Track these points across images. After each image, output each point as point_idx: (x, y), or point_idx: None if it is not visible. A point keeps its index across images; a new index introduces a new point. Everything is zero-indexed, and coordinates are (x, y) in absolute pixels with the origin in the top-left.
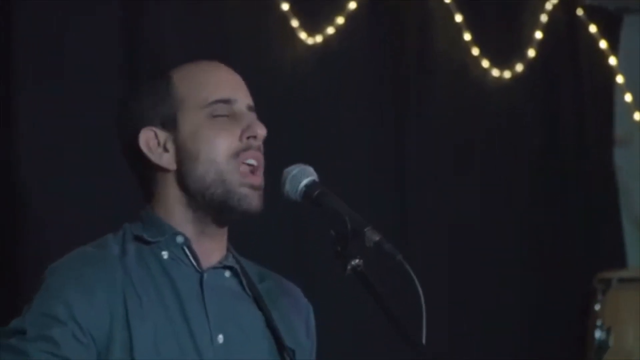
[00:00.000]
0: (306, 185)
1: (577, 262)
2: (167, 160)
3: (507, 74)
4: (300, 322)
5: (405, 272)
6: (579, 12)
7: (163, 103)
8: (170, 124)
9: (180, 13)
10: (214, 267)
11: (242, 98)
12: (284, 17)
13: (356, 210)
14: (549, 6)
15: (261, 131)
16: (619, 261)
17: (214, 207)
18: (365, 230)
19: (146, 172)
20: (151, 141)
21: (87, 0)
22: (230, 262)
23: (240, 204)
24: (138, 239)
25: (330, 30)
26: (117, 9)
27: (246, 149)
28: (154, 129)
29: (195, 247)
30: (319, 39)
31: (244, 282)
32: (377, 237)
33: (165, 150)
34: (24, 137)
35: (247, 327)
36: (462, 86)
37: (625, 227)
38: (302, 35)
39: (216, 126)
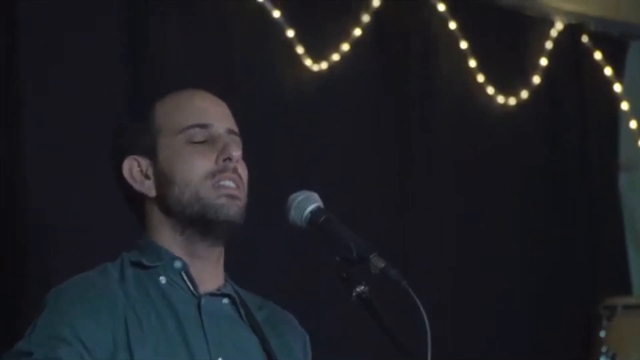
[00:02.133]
0: (311, 212)
1: (582, 288)
2: (148, 186)
3: (512, 101)
4: (298, 348)
5: (410, 298)
6: (584, 38)
7: (145, 132)
8: (150, 151)
9: (186, 38)
10: (212, 294)
11: (220, 122)
12: (290, 44)
13: (360, 234)
14: (554, 33)
15: (235, 153)
16: (624, 288)
17: (195, 224)
18: (371, 256)
19: (134, 201)
20: (134, 169)
21: (93, 9)
22: (229, 290)
23: (218, 215)
24: (135, 264)
25: (336, 56)
26: (122, 26)
27: (222, 171)
28: (136, 157)
29: (191, 271)
30: (324, 65)
31: (242, 311)
32: (382, 264)
33: (147, 177)
34: (29, 142)
35: (245, 351)
36: (467, 113)
37: (630, 254)
38: (307, 61)
39: (192, 150)
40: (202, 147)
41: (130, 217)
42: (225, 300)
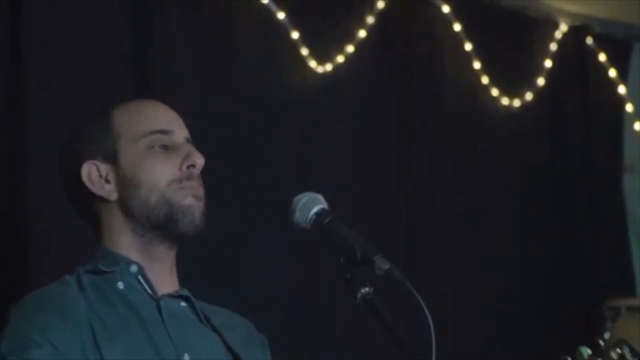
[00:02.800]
0: (316, 214)
1: (584, 289)
2: (108, 190)
3: (516, 103)
4: (257, 349)
5: (414, 300)
6: (589, 40)
7: (103, 138)
8: (110, 157)
9: (190, 39)
10: (170, 296)
11: (179, 130)
12: (294, 45)
13: (365, 235)
14: (558, 35)
15: (200, 160)
16: (628, 289)
17: (159, 227)
18: (375, 258)
19: (89, 205)
20: (93, 174)
21: (97, 9)
22: (186, 293)
23: (185, 215)
24: (91, 272)
25: (340, 58)
26: (126, 27)
27: (187, 178)
28: (95, 162)
29: (148, 274)
30: (328, 67)
31: (200, 313)
32: (386, 265)
33: (107, 181)
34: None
35: (209, 348)
36: (471, 114)
37: (634, 255)
38: (312, 63)
39: (155, 156)
40: (165, 153)
41: None
42: (184, 304)
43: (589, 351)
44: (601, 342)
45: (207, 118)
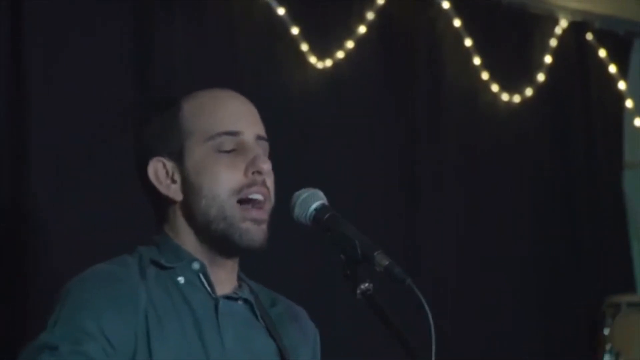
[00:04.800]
0: (316, 209)
1: (586, 286)
2: (174, 190)
3: (516, 99)
4: (307, 348)
5: (414, 296)
6: (589, 36)
7: (171, 134)
8: (177, 155)
9: (191, 36)
10: (229, 297)
11: (250, 129)
12: (294, 41)
13: (366, 232)
14: (558, 30)
15: (265, 166)
16: (628, 285)
17: (217, 241)
18: (375, 254)
19: (157, 201)
20: (159, 171)
21: (99, 10)
22: (246, 294)
23: (242, 240)
24: (154, 263)
25: (340, 54)
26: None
27: (250, 184)
28: (162, 159)
29: (209, 272)
30: (328, 63)
31: (258, 313)
32: (386, 262)
33: (173, 181)
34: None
35: (259, 354)
36: (471, 110)
37: (634, 252)
38: (312, 59)
39: (221, 161)
40: (231, 157)
41: (131, 217)
42: (240, 302)
43: None
44: None
45: None
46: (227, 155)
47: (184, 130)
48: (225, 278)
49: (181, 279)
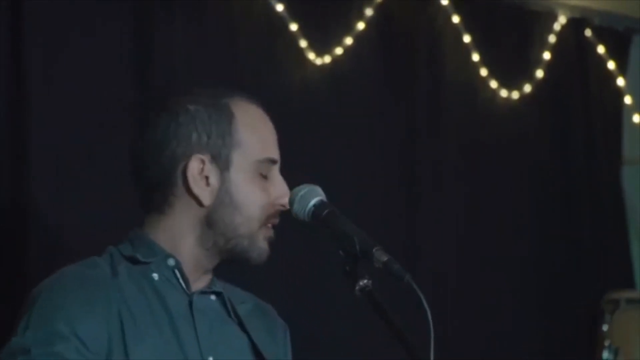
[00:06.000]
0: (315, 205)
1: (585, 282)
2: (208, 193)
3: (515, 95)
4: (276, 345)
5: (413, 293)
6: (588, 32)
7: (222, 138)
8: (222, 161)
9: (190, 33)
10: (202, 292)
11: (279, 158)
12: (293, 38)
13: (366, 229)
14: (557, 27)
15: (286, 202)
16: (627, 282)
17: (231, 253)
18: (374, 250)
19: (169, 192)
20: (196, 169)
21: (99, 9)
22: (218, 287)
23: (258, 257)
24: (129, 259)
25: (339, 50)
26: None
27: (276, 215)
28: (204, 158)
29: (186, 272)
30: (327, 59)
31: (229, 307)
32: (385, 258)
33: (207, 184)
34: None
35: (235, 349)
36: (470, 106)
37: (633, 248)
38: (311, 55)
39: (261, 185)
40: (266, 184)
41: (131, 217)
42: (213, 297)
43: None
44: None
45: None
46: (264, 181)
47: (236, 140)
48: (203, 276)
49: (155, 276)
